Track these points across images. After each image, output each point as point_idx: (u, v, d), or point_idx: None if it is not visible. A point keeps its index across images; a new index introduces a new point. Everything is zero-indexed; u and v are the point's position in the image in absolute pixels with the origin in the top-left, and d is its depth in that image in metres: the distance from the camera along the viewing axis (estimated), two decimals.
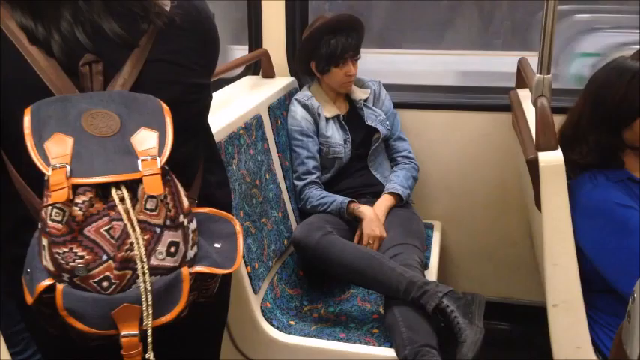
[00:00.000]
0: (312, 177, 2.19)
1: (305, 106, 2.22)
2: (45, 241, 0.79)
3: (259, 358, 1.83)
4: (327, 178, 2.24)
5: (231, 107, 1.96)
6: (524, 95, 1.90)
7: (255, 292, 1.77)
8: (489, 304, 1.75)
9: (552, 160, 1.42)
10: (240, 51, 2.71)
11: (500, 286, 2.43)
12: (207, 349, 1.20)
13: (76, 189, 0.78)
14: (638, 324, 0.72)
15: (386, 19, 4.35)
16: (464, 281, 2.42)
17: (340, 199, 2.11)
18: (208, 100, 1.06)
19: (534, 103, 1.54)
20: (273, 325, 1.79)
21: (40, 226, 0.81)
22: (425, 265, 2.01)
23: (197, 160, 1.04)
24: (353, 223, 2.11)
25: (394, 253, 1.90)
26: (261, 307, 1.80)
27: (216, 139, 1.52)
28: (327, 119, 2.22)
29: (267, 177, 2.01)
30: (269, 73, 2.43)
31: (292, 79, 2.44)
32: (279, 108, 2.23)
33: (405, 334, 1.62)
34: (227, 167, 1.71)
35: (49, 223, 0.78)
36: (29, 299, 0.81)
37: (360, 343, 1.73)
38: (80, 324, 0.79)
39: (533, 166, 1.44)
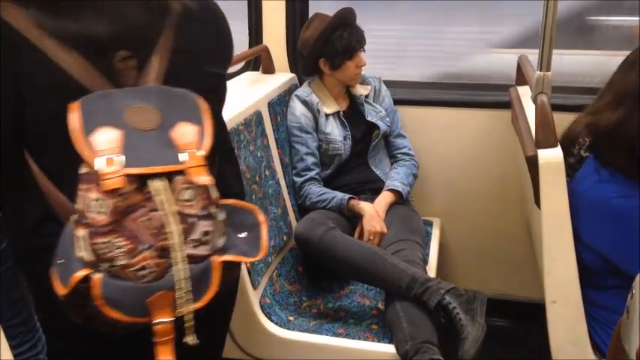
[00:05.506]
0: (312, 173, 2.19)
1: (304, 103, 2.22)
2: (82, 232, 0.81)
3: (258, 353, 1.84)
4: (326, 175, 2.24)
5: (231, 103, 1.95)
6: (524, 92, 1.90)
7: (255, 287, 1.78)
8: (488, 301, 1.75)
9: (552, 157, 1.42)
10: None
11: (499, 283, 2.43)
12: (216, 337, 1.22)
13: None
14: (637, 320, 0.72)
15: None
16: (462, 278, 2.43)
17: (340, 196, 2.11)
18: (225, 90, 1.09)
19: (534, 101, 1.54)
20: (272, 321, 1.79)
21: (74, 218, 0.83)
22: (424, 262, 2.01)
23: (214, 151, 1.05)
24: (353, 219, 2.11)
25: (396, 249, 1.91)
26: (260, 302, 1.80)
27: None
28: (327, 115, 2.22)
29: (267, 173, 2.01)
30: (269, 69, 2.42)
31: (292, 75, 2.44)
32: (279, 104, 2.23)
33: (406, 330, 1.62)
34: None
35: (89, 214, 0.80)
36: (61, 290, 0.83)
37: (359, 339, 1.74)
38: (116, 313, 0.82)
39: (532, 164, 1.44)
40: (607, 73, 1.59)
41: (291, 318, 1.86)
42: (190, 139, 0.86)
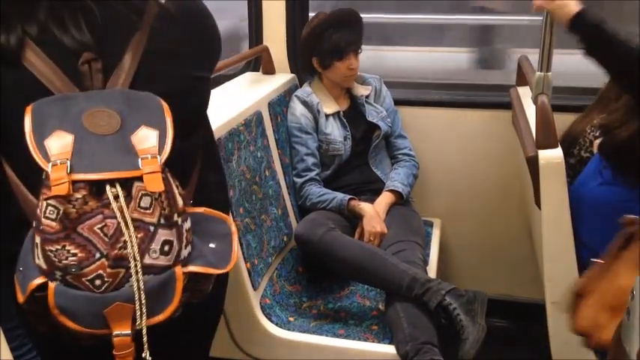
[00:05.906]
0: (312, 174, 2.19)
1: (305, 103, 2.22)
2: (38, 239, 0.79)
3: (258, 354, 1.84)
4: (326, 175, 2.24)
5: (231, 103, 1.96)
6: (525, 93, 1.90)
7: (255, 288, 1.78)
8: (488, 302, 1.75)
9: (552, 157, 1.42)
10: None
11: (500, 284, 2.43)
12: (196, 351, 1.18)
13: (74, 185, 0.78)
14: (638, 321, 0.72)
15: None
16: (463, 279, 2.42)
17: (340, 196, 2.11)
18: (208, 93, 1.05)
19: (535, 101, 1.55)
20: (272, 322, 1.79)
21: (34, 225, 0.81)
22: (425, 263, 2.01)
23: (194, 158, 1.02)
24: (353, 219, 2.11)
25: (397, 250, 1.91)
26: (260, 303, 1.80)
27: (216, 135, 1.52)
28: (327, 116, 2.22)
29: (267, 173, 2.01)
30: (269, 70, 2.42)
31: (292, 75, 2.44)
32: (279, 104, 2.22)
33: (407, 331, 1.62)
34: (227, 164, 1.71)
35: (43, 220, 0.78)
36: (21, 298, 0.81)
37: (359, 339, 1.73)
38: (72, 323, 0.79)
39: (533, 164, 1.45)
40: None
41: (291, 319, 1.86)
42: (150, 144, 0.82)
